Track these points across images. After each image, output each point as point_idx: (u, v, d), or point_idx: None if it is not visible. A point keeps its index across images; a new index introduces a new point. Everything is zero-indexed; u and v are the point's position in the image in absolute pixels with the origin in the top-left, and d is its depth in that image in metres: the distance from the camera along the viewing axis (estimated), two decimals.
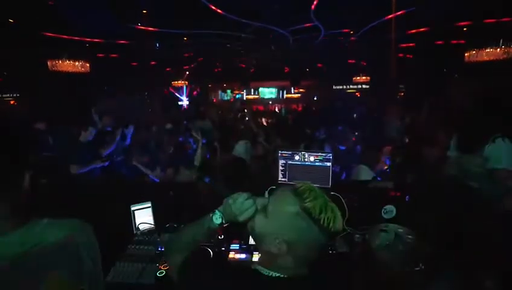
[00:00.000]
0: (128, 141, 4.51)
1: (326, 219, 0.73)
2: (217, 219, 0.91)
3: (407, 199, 1.94)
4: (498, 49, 5.15)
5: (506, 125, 1.88)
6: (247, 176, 2.38)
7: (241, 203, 0.85)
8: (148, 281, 1.39)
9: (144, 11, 5.05)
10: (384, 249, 1.58)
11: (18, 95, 9.08)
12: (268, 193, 1.85)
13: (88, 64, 6.01)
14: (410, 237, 1.63)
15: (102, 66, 7.06)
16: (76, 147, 3.52)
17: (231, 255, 1.57)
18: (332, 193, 1.84)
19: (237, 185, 1.26)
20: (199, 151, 3.55)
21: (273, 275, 0.78)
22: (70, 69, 5.77)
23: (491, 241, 1.34)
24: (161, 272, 1.41)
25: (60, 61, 5.65)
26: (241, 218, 0.85)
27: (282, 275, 0.78)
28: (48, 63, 5.68)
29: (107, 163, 3.77)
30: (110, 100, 8.02)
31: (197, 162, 3.38)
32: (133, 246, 1.67)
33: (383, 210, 1.94)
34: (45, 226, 0.74)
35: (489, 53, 5.34)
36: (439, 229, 1.63)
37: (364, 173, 3.02)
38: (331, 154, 1.86)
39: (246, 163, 3.46)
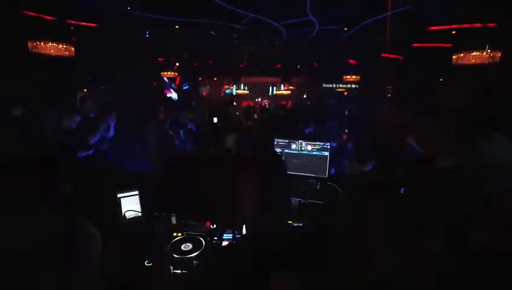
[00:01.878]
0: (111, 132, 4.30)
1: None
2: None
3: (401, 191, 1.94)
4: (484, 53, 5.31)
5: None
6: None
7: None
8: (132, 272, 1.30)
9: None
10: None
11: None
12: None
13: (73, 48, 5.69)
14: None
15: (88, 51, 6.73)
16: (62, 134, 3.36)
17: (224, 244, 1.50)
18: (329, 183, 1.80)
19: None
20: None
21: None
22: (53, 52, 5.44)
23: None
24: (148, 263, 1.33)
25: (42, 43, 5.32)
26: None
27: None
28: (28, 44, 5.33)
29: (91, 152, 3.61)
30: (96, 87, 7.70)
31: None
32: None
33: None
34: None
35: (476, 56, 5.49)
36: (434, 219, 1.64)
37: (355, 170, 3.03)
38: (328, 144, 1.81)
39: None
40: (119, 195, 1.81)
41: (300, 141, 1.84)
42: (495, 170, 1.98)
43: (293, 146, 1.85)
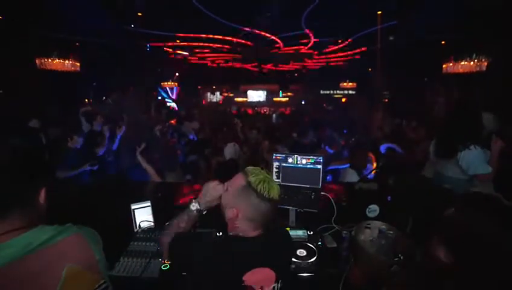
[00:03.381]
0: (116, 144, 4.47)
1: (261, 187, 0.99)
2: (193, 205, 1.17)
3: (388, 199, 2.13)
4: (471, 62, 5.58)
5: (475, 133, 2.11)
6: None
7: (212, 188, 1.16)
8: (153, 274, 1.49)
9: (139, 14, 5.08)
10: (368, 244, 1.75)
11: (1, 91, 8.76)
12: None
13: (78, 64, 5.94)
14: (391, 232, 1.82)
15: (91, 65, 6.98)
16: (64, 152, 3.56)
17: None
18: (322, 193, 2.00)
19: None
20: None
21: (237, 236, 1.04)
22: (59, 68, 5.68)
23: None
24: (165, 266, 1.52)
25: (49, 60, 5.57)
26: (216, 198, 1.14)
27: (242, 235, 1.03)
28: (36, 61, 5.58)
29: (96, 167, 3.78)
30: (100, 100, 7.93)
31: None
32: (135, 243, 1.75)
33: (367, 209, 2.12)
34: (53, 228, 0.80)
35: (464, 66, 5.77)
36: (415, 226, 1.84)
37: (350, 177, 3.21)
38: (321, 158, 2.02)
39: (237, 163, 3.59)
40: (133, 207, 1.99)
41: (296, 155, 2.05)
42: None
43: (290, 160, 2.06)
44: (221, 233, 1.73)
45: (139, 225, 1.93)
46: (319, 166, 2.00)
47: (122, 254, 1.63)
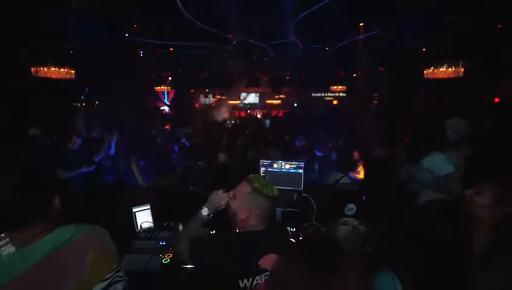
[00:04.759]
0: (113, 150, 4.62)
1: (265, 189, 1.29)
2: (204, 211, 1.43)
3: (363, 199, 2.39)
4: (450, 69, 5.97)
5: (438, 142, 2.41)
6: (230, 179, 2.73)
7: (219, 196, 1.42)
8: (155, 268, 1.71)
9: (135, 26, 5.27)
10: (343, 238, 2.01)
11: None
12: None
13: (73, 71, 6.07)
14: (362, 227, 2.08)
15: (85, 71, 7.09)
16: (63, 153, 3.73)
17: None
18: (304, 194, 2.26)
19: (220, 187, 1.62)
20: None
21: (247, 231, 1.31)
22: (55, 76, 5.81)
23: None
24: (166, 260, 1.74)
25: (45, 68, 5.69)
26: (222, 205, 1.41)
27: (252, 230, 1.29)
28: (32, 69, 5.70)
29: (92, 168, 3.97)
30: (96, 106, 8.06)
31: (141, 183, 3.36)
32: (138, 242, 1.97)
33: (345, 208, 2.37)
34: (74, 227, 1.00)
35: (444, 72, 6.15)
36: (386, 223, 2.10)
37: (335, 178, 3.46)
38: (303, 163, 2.27)
39: (229, 168, 3.78)
40: (134, 209, 2.21)
41: (280, 161, 2.30)
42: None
43: (275, 165, 2.32)
44: (214, 231, 1.96)
45: (141, 225, 2.15)
46: (301, 170, 2.26)
47: (127, 252, 1.84)
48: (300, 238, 2.02)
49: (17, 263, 0.82)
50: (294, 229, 2.10)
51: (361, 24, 5.34)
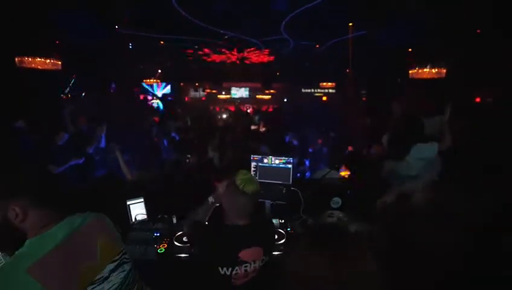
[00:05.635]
0: (103, 142, 4.60)
1: (242, 185, 1.33)
2: (210, 199, 1.61)
3: (348, 193, 2.54)
4: (433, 70, 6.23)
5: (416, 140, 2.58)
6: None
7: (221, 187, 1.54)
8: (151, 257, 1.80)
9: (125, 19, 5.19)
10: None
11: None
12: None
13: (60, 62, 5.92)
14: (346, 219, 2.25)
15: (71, 63, 6.92)
16: (52, 148, 3.73)
17: None
18: (292, 188, 2.38)
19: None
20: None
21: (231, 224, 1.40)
22: (40, 67, 5.66)
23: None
24: (161, 250, 1.83)
25: (30, 58, 5.53)
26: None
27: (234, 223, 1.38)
28: (16, 59, 5.52)
29: (81, 160, 3.98)
30: (82, 99, 7.88)
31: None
32: (133, 233, 2.05)
33: (331, 201, 2.52)
34: (81, 215, 1.08)
35: (428, 72, 6.41)
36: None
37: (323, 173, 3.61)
38: (292, 159, 2.39)
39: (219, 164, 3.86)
40: (128, 202, 2.27)
41: (270, 157, 2.41)
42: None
43: (265, 160, 2.43)
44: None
45: (135, 217, 2.22)
46: (290, 165, 2.38)
47: (124, 242, 1.91)
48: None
49: (36, 249, 0.90)
50: (283, 221, 2.23)
51: (350, 24, 5.48)
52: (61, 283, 0.88)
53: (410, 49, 7.02)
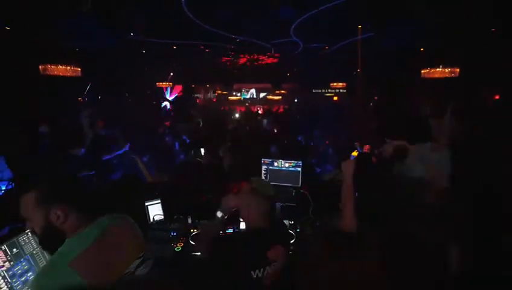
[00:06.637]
0: (126, 148, 4.74)
1: (262, 189, 1.48)
2: (219, 214, 1.59)
3: (356, 195, 2.59)
4: (446, 69, 6.13)
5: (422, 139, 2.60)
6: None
7: (225, 199, 1.55)
8: (168, 255, 1.93)
9: (137, 26, 5.42)
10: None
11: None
12: None
13: (79, 69, 6.23)
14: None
15: (88, 68, 7.23)
16: (66, 158, 3.91)
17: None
18: (301, 190, 2.47)
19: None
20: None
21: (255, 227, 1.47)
22: (62, 74, 5.98)
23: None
24: (178, 248, 1.97)
25: (52, 66, 5.85)
26: (232, 206, 1.55)
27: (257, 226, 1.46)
28: (40, 67, 5.85)
29: (92, 172, 4.13)
30: (98, 102, 8.20)
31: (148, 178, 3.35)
32: (151, 232, 2.19)
33: (340, 203, 2.58)
34: (109, 217, 1.20)
35: (440, 72, 6.31)
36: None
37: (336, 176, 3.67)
38: (301, 162, 2.48)
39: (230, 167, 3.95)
40: (146, 203, 2.42)
41: (280, 160, 2.50)
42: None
43: (276, 164, 2.52)
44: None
45: (153, 217, 2.36)
46: (299, 168, 2.47)
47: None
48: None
49: (75, 247, 1.04)
50: (292, 222, 2.32)
51: (359, 26, 5.48)
52: (96, 275, 1.01)
53: (422, 49, 6.93)
